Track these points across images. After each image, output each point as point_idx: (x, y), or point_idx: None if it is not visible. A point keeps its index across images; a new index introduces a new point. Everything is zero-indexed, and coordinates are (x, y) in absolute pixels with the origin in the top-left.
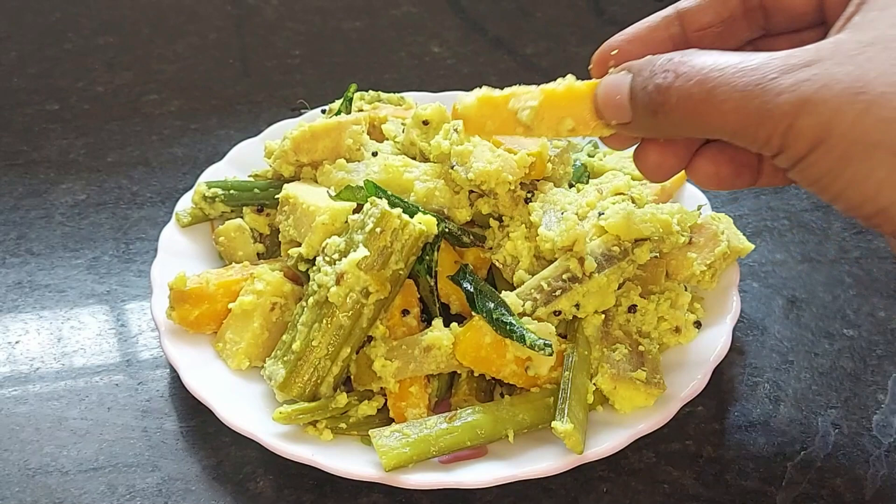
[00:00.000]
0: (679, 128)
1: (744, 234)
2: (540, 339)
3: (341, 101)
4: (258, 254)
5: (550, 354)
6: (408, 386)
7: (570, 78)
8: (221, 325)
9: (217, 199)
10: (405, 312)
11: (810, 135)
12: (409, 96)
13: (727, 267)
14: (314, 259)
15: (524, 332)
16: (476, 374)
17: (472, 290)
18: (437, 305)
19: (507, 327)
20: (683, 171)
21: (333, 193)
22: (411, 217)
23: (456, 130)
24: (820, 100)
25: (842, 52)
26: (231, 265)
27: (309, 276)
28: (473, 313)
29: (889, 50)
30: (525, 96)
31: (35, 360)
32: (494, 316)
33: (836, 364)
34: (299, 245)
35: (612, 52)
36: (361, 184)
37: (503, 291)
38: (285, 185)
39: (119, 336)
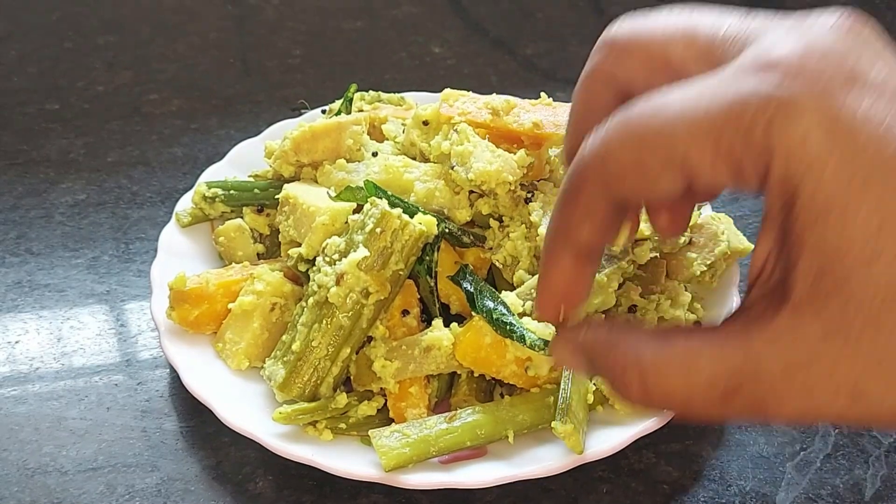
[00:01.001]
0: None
1: (744, 235)
2: (540, 339)
3: (341, 101)
4: (258, 254)
5: (550, 354)
6: (407, 386)
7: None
8: (221, 325)
9: (217, 200)
10: (405, 313)
11: (809, 422)
12: (410, 96)
13: (727, 267)
14: (314, 259)
15: (524, 331)
16: (476, 375)
17: (472, 290)
18: (437, 306)
19: (508, 327)
20: None
21: (334, 194)
22: (411, 217)
23: (456, 130)
24: (817, 406)
25: (806, 346)
26: (231, 265)
27: (309, 276)
28: (473, 313)
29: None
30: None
31: (34, 359)
32: (494, 316)
33: None
34: (299, 245)
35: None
36: (361, 184)
37: (503, 291)
38: (285, 186)
39: (119, 336)
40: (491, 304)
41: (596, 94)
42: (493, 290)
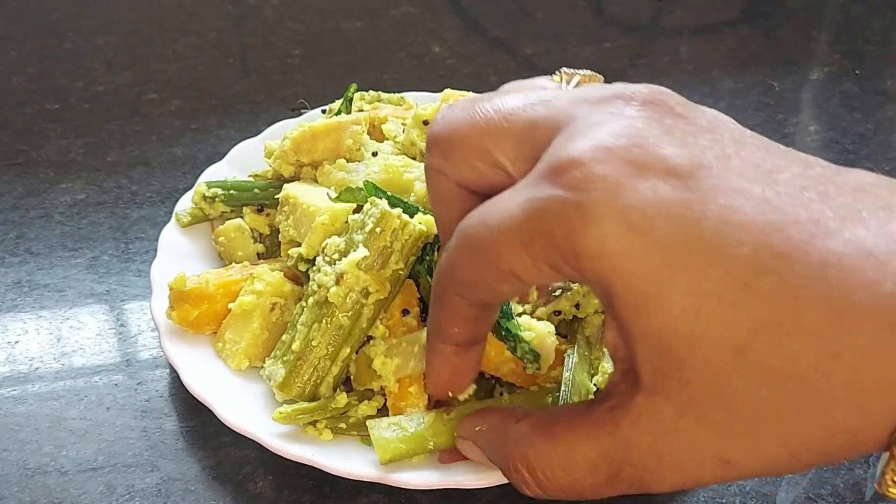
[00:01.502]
0: None
1: None
2: (531, 350)
3: (341, 101)
4: (258, 254)
5: (538, 370)
6: (407, 386)
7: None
8: (221, 325)
9: (217, 199)
10: (405, 312)
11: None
12: (410, 96)
13: None
14: (314, 259)
15: (518, 341)
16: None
17: None
18: None
19: (503, 332)
20: None
21: (334, 194)
22: (411, 217)
23: None
24: (693, 478)
25: (664, 425)
26: (231, 265)
27: (309, 276)
28: None
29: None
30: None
31: (34, 359)
32: None
33: None
34: (299, 245)
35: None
36: (361, 185)
37: None
38: (285, 185)
39: (118, 336)
40: None
41: (441, 189)
42: None
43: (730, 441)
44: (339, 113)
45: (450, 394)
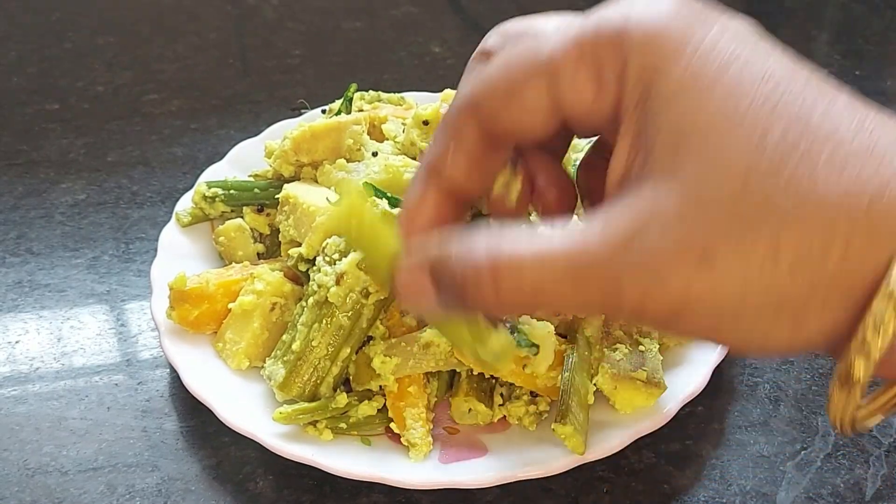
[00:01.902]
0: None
1: None
2: (528, 341)
3: (341, 101)
4: (258, 254)
5: (535, 354)
6: (406, 385)
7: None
8: (221, 325)
9: (217, 199)
10: (405, 312)
11: (665, 310)
12: (410, 96)
13: None
14: (314, 259)
15: (517, 332)
16: (475, 373)
17: None
18: None
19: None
20: None
21: (333, 198)
22: None
23: None
24: (664, 278)
25: (660, 214)
26: (231, 265)
27: (309, 276)
28: None
29: (710, 207)
30: None
31: (35, 359)
32: None
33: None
34: (299, 245)
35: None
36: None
37: None
38: (285, 185)
39: (119, 336)
40: None
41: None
42: None
43: (723, 232)
44: (339, 113)
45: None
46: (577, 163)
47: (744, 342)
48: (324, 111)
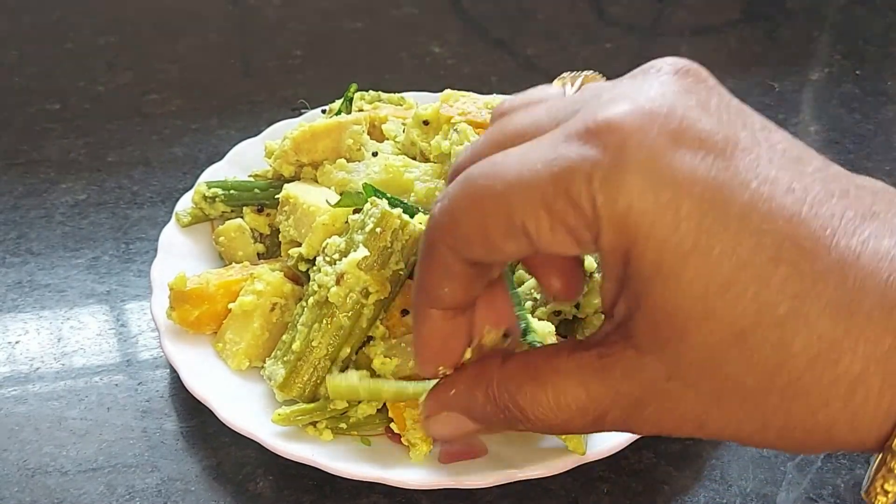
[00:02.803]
0: None
1: None
2: (538, 340)
3: (341, 101)
4: (258, 254)
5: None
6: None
7: None
8: (221, 326)
9: (217, 199)
10: (405, 312)
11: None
12: (410, 96)
13: None
14: (314, 259)
15: (528, 327)
16: None
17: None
18: None
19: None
20: None
21: (333, 199)
22: (411, 217)
23: (456, 130)
24: (668, 436)
25: (653, 390)
26: (231, 265)
27: (309, 276)
28: None
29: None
30: None
31: (35, 360)
32: None
33: None
34: (299, 245)
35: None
36: (360, 188)
37: None
38: (285, 185)
39: (119, 336)
40: (510, 290)
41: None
42: (512, 279)
43: (711, 409)
44: (339, 113)
45: (440, 370)
46: None
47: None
48: (324, 111)
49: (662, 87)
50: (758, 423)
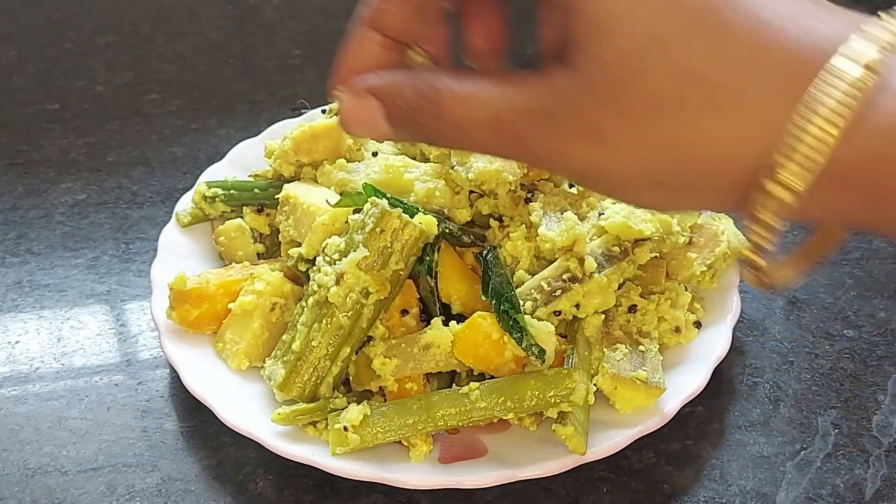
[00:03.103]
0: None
1: (744, 235)
2: (536, 344)
3: None
4: (258, 254)
5: (543, 363)
6: (406, 385)
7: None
8: (221, 326)
9: (217, 199)
10: (404, 312)
11: (569, 176)
12: None
13: (727, 267)
14: (314, 259)
15: (524, 334)
16: (476, 373)
17: (491, 272)
18: (438, 305)
19: (510, 322)
20: None
21: (333, 200)
22: (411, 217)
23: None
24: (564, 151)
25: (567, 99)
26: (231, 265)
27: (309, 276)
28: (479, 304)
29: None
30: None
31: (34, 359)
32: (502, 307)
33: (837, 365)
34: (299, 245)
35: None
36: (360, 188)
37: None
38: (285, 186)
39: (119, 336)
40: (505, 293)
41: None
42: (510, 281)
43: (614, 119)
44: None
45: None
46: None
47: (643, 205)
48: (324, 111)
49: None
50: (658, 135)
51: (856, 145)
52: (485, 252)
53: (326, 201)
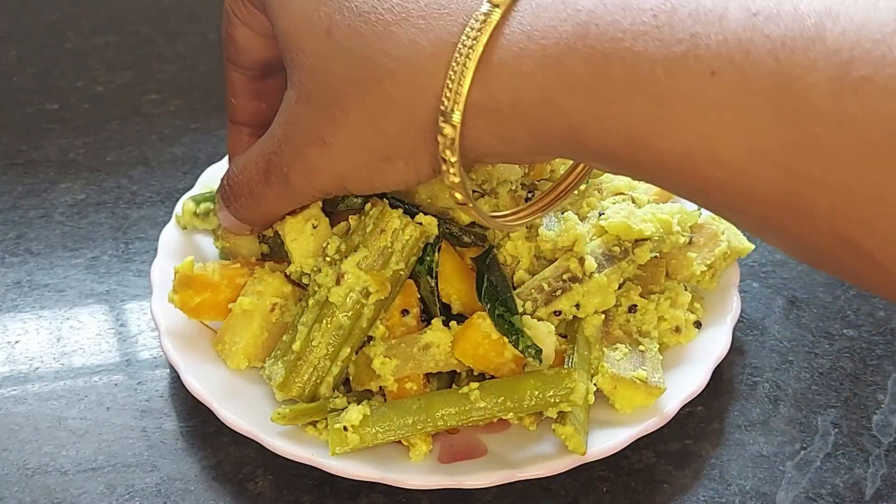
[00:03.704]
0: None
1: (744, 235)
2: (534, 345)
3: None
4: (262, 254)
5: (541, 363)
6: (406, 385)
7: None
8: (221, 326)
9: (211, 213)
10: (405, 312)
11: (330, 187)
12: None
13: (727, 267)
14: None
15: (520, 335)
16: (476, 374)
17: (486, 274)
18: (438, 306)
19: (506, 326)
20: None
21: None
22: (412, 217)
23: None
24: (309, 164)
25: (290, 120)
26: (236, 261)
27: (310, 278)
28: (480, 303)
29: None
30: None
31: (34, 359)
32: (497, 312)
33: (836, 364)
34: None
35: None
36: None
37: None
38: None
39: (118, 336)
40: (501, 296)
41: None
42: (508, 283)
43: (325, 119)
44: None
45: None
46: None
47: (383, 188)
48: None
49: None
50: (362, 119)
51: (483, 83)
52: (480, 256)
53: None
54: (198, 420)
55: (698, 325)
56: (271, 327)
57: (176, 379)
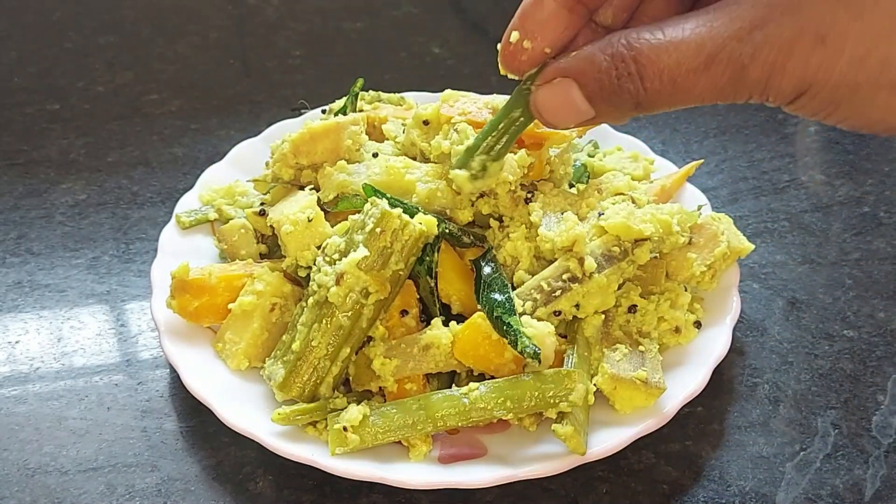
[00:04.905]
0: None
1: (744, 234)
2: (532, 345)
3: (343, 100)
4: (261, 254)
5: (539, 363)
6: (406, 386)
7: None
8: (221, 326)
9: (490, 168)
10: (404, 313)
11: (789, 90)
12: (410, 96)
13: (727, 267)
14: (314, 260)
15: (518, 336)
16: (475, 374)
17: (484, 277)
18: (438, 306)
19: (504, 327)
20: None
21: (308, 194)
22: (411, 218)
23: (456, 130)
24: (785, 60)
25: (779, 5)
26: (234, 262)
27: (309, 278)
28: (479, 306)
29: None
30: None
31: (35, 359)
32: (495, 314)
33: (836, 365)
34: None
35: (516, 42)
36: (359, 190)
37: None
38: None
39: (119, 336)
40: (499, 297)
41: None
42: (507, 285)
43: (834, 7)
44: (343, 108)
45: (546, 50)
46: None
47: (865, 118)
48: (324, 111)
49: None
50: (877, 30)
51: None
52: (479, 258)
53: (317, 196)
54: (198, 420)
55: (698, 325)
56: (271, 327)
57: (176, 379)
